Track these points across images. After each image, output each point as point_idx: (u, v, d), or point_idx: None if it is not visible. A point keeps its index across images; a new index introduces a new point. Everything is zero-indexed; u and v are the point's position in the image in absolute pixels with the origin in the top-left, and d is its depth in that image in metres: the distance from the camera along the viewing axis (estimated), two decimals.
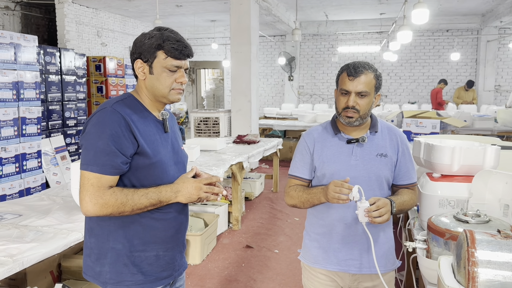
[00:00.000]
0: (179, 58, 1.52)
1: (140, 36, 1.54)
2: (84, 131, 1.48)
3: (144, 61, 1.52)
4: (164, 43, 1.49)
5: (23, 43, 4.83)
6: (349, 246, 1.82)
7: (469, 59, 12.03)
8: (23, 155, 4.88)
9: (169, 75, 1.52)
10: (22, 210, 2.74)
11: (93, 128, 1.44)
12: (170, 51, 1.50)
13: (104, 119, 1.44)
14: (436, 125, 4.83)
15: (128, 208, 1.44)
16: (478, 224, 1.64)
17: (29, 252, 2.06)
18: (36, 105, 5.03)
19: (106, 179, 1.43)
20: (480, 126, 7.72)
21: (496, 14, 10.27)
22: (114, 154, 1.42)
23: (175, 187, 1.51)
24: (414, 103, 12.09)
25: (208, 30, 13.18)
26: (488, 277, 1.21)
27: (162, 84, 1.52)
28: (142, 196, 1.45)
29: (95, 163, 1.42)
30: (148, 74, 1.53)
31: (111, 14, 10.55)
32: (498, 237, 1.28)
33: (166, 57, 1.50)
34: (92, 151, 1.43)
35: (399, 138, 1.87)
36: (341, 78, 1.78)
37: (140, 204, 1.45)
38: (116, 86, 7.75)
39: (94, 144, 1.42)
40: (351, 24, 12.25)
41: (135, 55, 1.54)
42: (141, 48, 1.52)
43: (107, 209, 1.42)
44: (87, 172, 1.43)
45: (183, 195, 1.50)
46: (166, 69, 1.51)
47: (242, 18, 7.28)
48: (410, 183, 1.87)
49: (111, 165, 1.42)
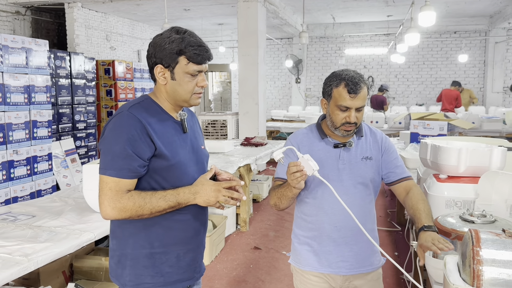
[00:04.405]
0: (200, 63, 1.50)
1: (159, 39, 1.50)
2: (102, 136, 1.49)
3: (165, 66, 1.50)
4: (186, 49, 1.47)
5: (34, 47, 4.91)
6: (340, 248, 1.84)
7: (477, 60, 11.98)
8: (34, 157, 4.95)
9: (191, 79, 1.51)
10: (35, 211, 2.79)
11: (110, 133, 1.46)
12: (192, 56, 1.48)
13: (121, 123, 1.45)
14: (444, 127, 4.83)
15: (147, 211, 1.44)
16: (484, 224, 1.66)
17: (43, 251, 2.10)
18: (47, 108, 5.11)
19: (124, 183, 1.44)
20: (488, 128, 7.68)
21: (504, 16, 10.22)
22: (131, 157, 1.43)
23: (194, 189, 1.49)
24: (422, 105, 12.05)
25: (215, 34, 13.25)
26: (493, 275, 1.23)
27: (184, 90, 1.51)
28: (160, 198, 1.45)
29: (112, 167, 1.43)
30: (170, 79, 1.51)
31: (120, 18, 10.66)
32: (503, 236, 1.31)
33: (188, 63, 1.48)
34: (109, 156, 1.44)
35: (380, 138, 1.90)
36: (339, 93, 1.74)
37: (159, 207, 1.45)
38: (125, 90, 7.83)
39: (111, 148, 1.44)
40: (358, 27, 12.25)
41: (154, 59, 1.51)
42: (161, 53, 1.48)
43: (125, 212, 1.43)
44: (105, 177, 1.44)
45: (201, 197, 1.48)
46: (188, 74, 1.50)
47: (250, 21, 7.33)
48: (402, 177, 1.87)
49: (128, 168, 1.43)
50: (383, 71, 12.70)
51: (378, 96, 10.32)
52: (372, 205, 1.92)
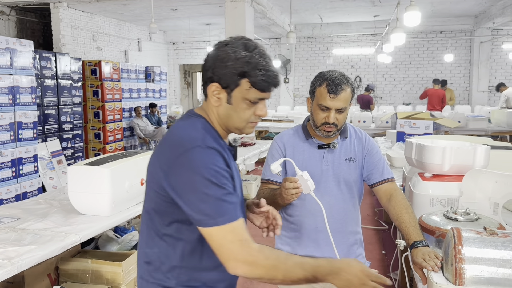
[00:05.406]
0: (265, 90, 1.24)
1: (222, 53, 1.23)
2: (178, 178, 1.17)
3: (222, 86, 1.23)
4: (252, 72, 1.20)
5: (19, 48, 4.85)
6: (320, 249, 1.83)
7: (463, 60, 12.12)
8: (19, 159, 4.89)
9: (249, 107, 1.25)
10: (19, 214, 2.76)
11: (193, 176, 1.15)
12: (257, 82, 1.21)
13: (203, 160, 1.17)
14: (430, 126, 4.89)
15: (280, 275, 1.16)
16: (467, 222, 1.68)
17: (27, 254, 2.08)
18: (32, 109, 5.05)
19: (241, 225, 1.18)
20: (473, 127, 7.78)
21: (488, 16, 10.36)
22: (229, 194, 1.18)
23: (337, 265, 1.21)
24: (409, 104, 12.17)
25: (203, 33, 13.22)
26: (474, 273, 1.25)
27: (240, 117, 1.26)
28: (297, 264, 1.18)
29: (219, 214, 1.15)
30: (225, 102, 1.25)
31: (107, 18, 10.58)
32: (484, 234, 1.32)
33: (250, 88, 1.22)
34: (208, 203, 1.15)
35: (364, 140, 1.91)
36: (320, 92, 1.75)
37: (294, 274, 1.16)
38: (111, 90, 7.77)
39: (205, 194, 1.15)
40: (345, 27, 12.32)
41: (211, 75, 1.24)
42: (221, 70, 1.21)
43: (258, 269, 1.15)
44: (215, 229, 1.15)
45: (341, 279, 1.18)
46: (247, 100, 1.24)
47: (237, 21, 7.32)
48: (383, 179, 1.87)
49: (233, 207, 1.18)
50: (371, 71, 12.79)
51: (365, 96, 10.45)
52: (355, 207, 1.92)
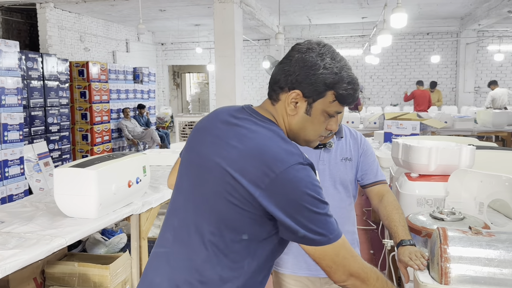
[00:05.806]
0: (347, 105, 1.18)
1: (309, 58, 1.12)
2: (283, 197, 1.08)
3: (304, 95, 1.13)
4: (339, 84, 1.12)
5: (4, 48, 4.79)
6: None
7: (449, 61, 12.27)
8: (5, 161, 4.82)
9: (325, 120, 1.17)
10: (4, 217, 2.71)
11: (301, 195, 1.07)
12: (343, 96, 1.14)
13: (307, 178, 1.09)
14: (416, 127, 4.93)
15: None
16: (453, 222, 1.70)
17: (12, 258, 2.04)
18: (18, 111, 4.98)
19: (346, 240, 1.15)
20: (460, 127, 7.86)
21: (474, 18, 10.51)
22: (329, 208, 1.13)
23: None
24: (396, 105, 12.27)
25: (192, 34, 13.18)
26: (460, 272, 1.26)
27: (315, 130, 1.19)
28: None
29: (330, 231, 1.11)
30: (303, 112, 1.15)
31: (94, 19, 10.49)
32: (469, 233, 1.33)
33: (333, 101, 1.14)
34: (320, 222, 1.11)
35: (360, 140, 1.92)
36: None
37: None
38: (99, 91, 7.71)
39: (316, 212, 1.10)
40: (333, 28, 12.39)
41: (294, 80, 1.13)
42: (308, 78, 1.11)
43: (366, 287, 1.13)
44: (330, 246, 1.12)
45: None
46: (326, 113, 1.16)
47: (226, 22, 7.32)
48: (377, 180, 1.88)
49: (336, 222, 1.14)
50: (359, 72, 12.87)
51: None
52: (351, 207, 1.93)
